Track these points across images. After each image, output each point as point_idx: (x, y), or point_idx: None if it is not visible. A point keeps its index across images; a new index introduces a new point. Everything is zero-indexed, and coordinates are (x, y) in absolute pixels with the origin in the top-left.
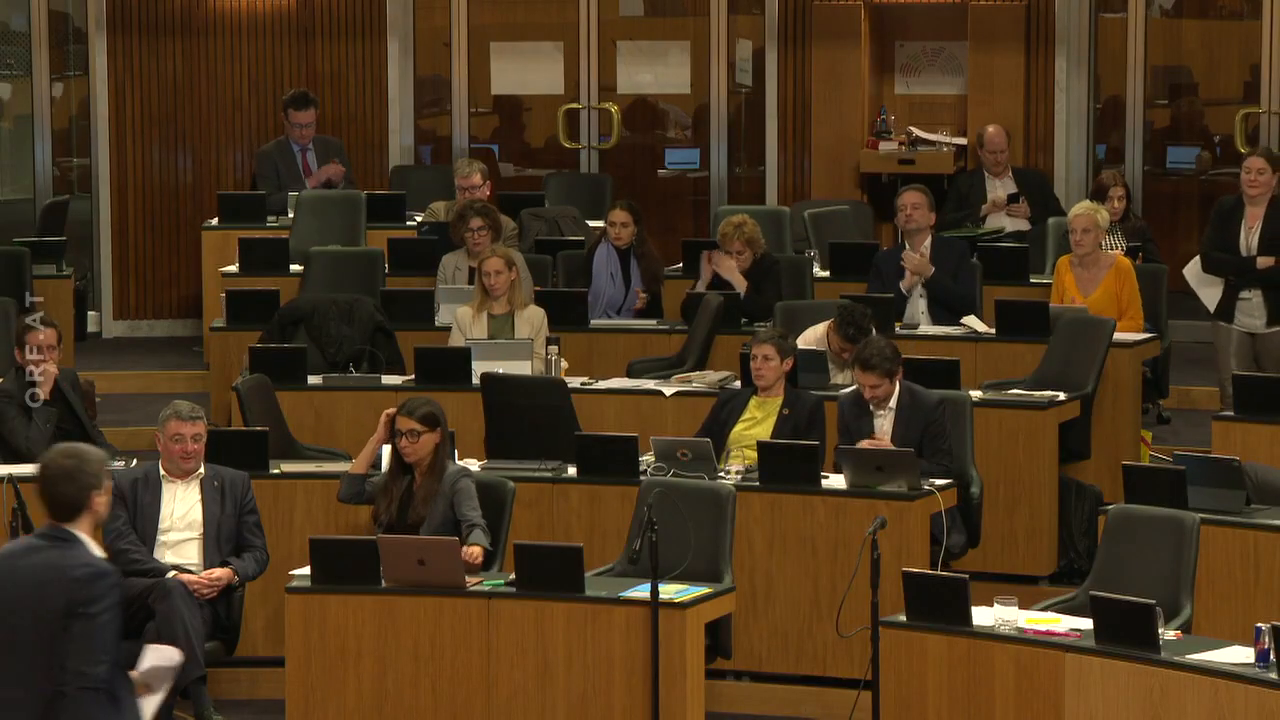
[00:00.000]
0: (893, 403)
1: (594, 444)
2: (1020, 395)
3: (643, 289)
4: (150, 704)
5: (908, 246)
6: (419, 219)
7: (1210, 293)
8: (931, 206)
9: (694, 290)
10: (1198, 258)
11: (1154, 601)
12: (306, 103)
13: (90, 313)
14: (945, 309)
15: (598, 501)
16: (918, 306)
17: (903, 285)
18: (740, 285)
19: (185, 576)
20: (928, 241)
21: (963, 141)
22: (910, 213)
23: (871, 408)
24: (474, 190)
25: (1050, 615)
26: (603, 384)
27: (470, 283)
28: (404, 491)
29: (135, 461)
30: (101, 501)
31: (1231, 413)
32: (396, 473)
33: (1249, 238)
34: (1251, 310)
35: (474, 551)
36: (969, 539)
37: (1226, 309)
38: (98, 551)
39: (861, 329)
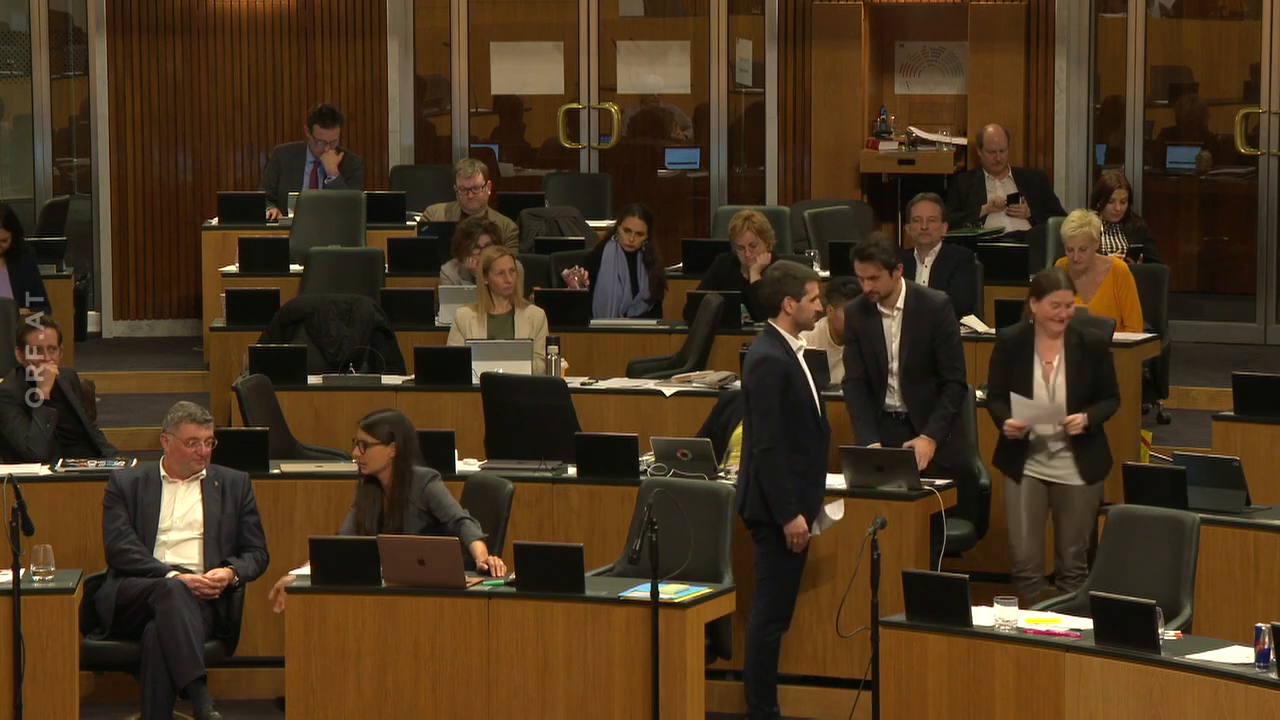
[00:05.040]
0: (900, 303)
1: (594, 444)
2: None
3: (649, 295)
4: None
5: (915, 254)
6: (419, 219)
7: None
8: (945, 216)
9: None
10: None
11: (1154, 601)
12: (333, 121)
13: (90, 313)
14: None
15: (598, 501)
16: None
17: None
18: None
19: (185, 576)
20: (936, 249)
21: (963, 141)
22: (926, 225)
23: (880, 307)
24: (475, 191)
25: (1050, 615)
26: (603, 384)
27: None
28: (377, 504)
29: (135, 461)
30: (796, 307)
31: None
32: (366, 488)
33: (1050, 379)
34: (1049, 457)
35: (495, 562)
36: (977, 529)
37: (1013, 465)
38: (793, 341)
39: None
